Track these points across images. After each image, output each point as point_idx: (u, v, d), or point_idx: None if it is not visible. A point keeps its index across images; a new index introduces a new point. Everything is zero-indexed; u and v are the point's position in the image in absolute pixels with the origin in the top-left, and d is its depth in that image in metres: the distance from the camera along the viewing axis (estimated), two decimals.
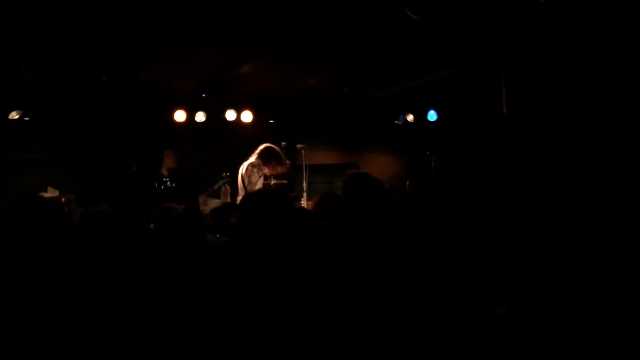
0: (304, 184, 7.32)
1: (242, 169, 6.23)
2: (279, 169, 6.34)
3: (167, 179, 6.98)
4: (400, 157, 9.47)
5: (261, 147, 6.32)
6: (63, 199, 6.66)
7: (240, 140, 7.69)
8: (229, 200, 8.04)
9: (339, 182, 8.60)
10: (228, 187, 7.97)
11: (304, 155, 7.32)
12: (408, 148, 9.35)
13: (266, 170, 6.28)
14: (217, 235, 3.94)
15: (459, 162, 8.68)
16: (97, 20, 4.84)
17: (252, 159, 6.25)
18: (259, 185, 6.16)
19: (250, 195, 2.78)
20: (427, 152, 8.69)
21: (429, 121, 8.92)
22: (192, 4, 4.54)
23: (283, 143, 7.91)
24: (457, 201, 4.80)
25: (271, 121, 8.58)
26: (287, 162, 6.46)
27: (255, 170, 6.12)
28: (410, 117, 8.99)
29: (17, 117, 7.19)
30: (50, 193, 7.00)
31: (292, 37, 5.50)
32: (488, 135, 7.03)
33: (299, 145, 7.45)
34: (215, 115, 8.07)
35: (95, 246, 2.86)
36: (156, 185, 6.91)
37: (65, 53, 5.77)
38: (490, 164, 7.06)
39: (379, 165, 8.78)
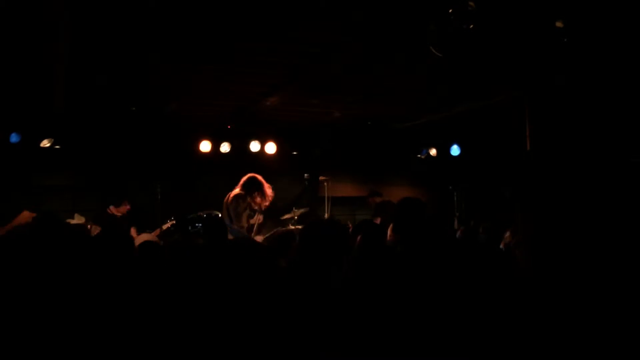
0: (326, 216, 7.35)
1: (227, 199, 6.08)
2: (258, 200, 6.07)
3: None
4: (423, 191, 9.45)
5: (245, 177, 6.16)
6: (89, 226, 6.78)
7: (263, 172, 7.76)
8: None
9: (361, 215, 8.65)
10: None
11: (326, 187, 7.36)
12: (430, 182, 9.33)
13: (255, 203, 6.08)
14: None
15: (481, 196, 8.62)
16: (130, 52, 5.01)
17: (237, 190, 6.09)
18: (245, 216, 5.98)
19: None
20: (450, 187, 8.65)
21: (451, 155, 8.94)
22: (219, 39, 4.67)
23: (306, 175, 7.97)
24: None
25: (294, 153, 8.65)
26: (271, 194, 6.18)
27: (240, 201, 5.95)
28: (433, 152, 9.01)
29: (48, 145, 7.41)
30: (77, 220, 7.13)
31: (317, 70, 5.59)
32: (511, 170, 6.97)
33: (322, 177, 7.49)
34: (240, 146, 8.19)
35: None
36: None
37: (96, 84, 5.97)
38: (513, 200, 6.97)
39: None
